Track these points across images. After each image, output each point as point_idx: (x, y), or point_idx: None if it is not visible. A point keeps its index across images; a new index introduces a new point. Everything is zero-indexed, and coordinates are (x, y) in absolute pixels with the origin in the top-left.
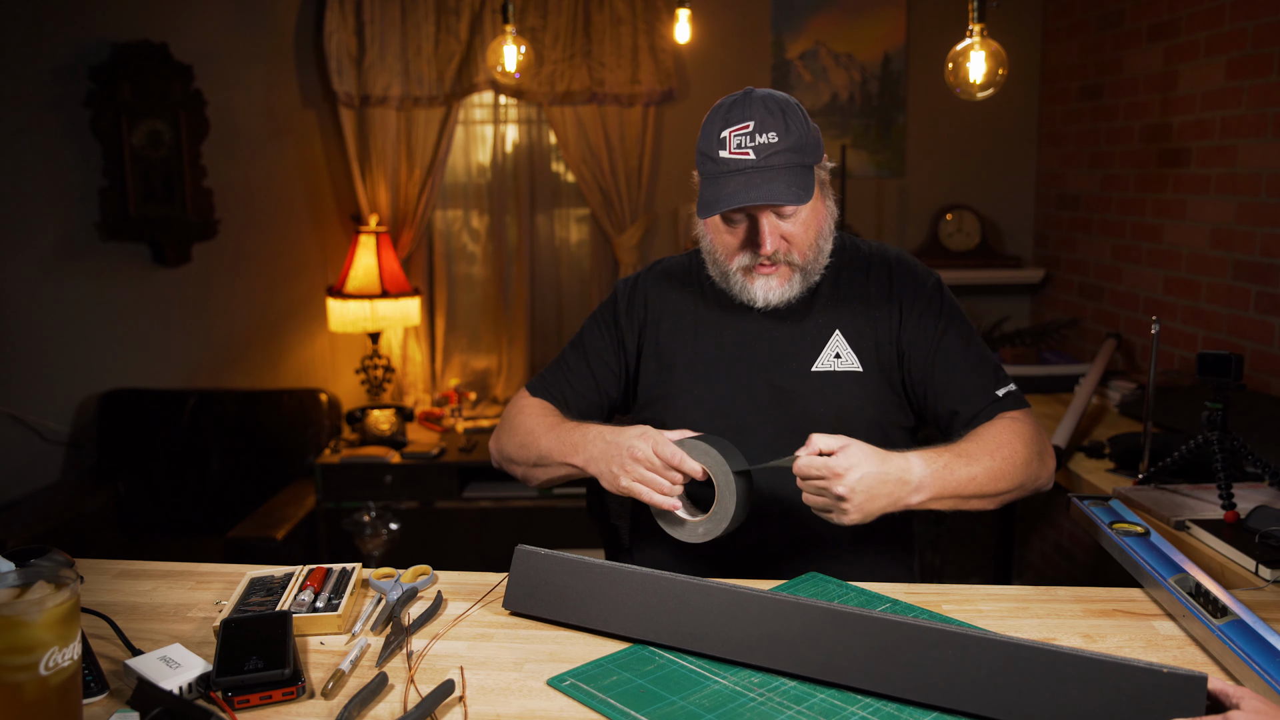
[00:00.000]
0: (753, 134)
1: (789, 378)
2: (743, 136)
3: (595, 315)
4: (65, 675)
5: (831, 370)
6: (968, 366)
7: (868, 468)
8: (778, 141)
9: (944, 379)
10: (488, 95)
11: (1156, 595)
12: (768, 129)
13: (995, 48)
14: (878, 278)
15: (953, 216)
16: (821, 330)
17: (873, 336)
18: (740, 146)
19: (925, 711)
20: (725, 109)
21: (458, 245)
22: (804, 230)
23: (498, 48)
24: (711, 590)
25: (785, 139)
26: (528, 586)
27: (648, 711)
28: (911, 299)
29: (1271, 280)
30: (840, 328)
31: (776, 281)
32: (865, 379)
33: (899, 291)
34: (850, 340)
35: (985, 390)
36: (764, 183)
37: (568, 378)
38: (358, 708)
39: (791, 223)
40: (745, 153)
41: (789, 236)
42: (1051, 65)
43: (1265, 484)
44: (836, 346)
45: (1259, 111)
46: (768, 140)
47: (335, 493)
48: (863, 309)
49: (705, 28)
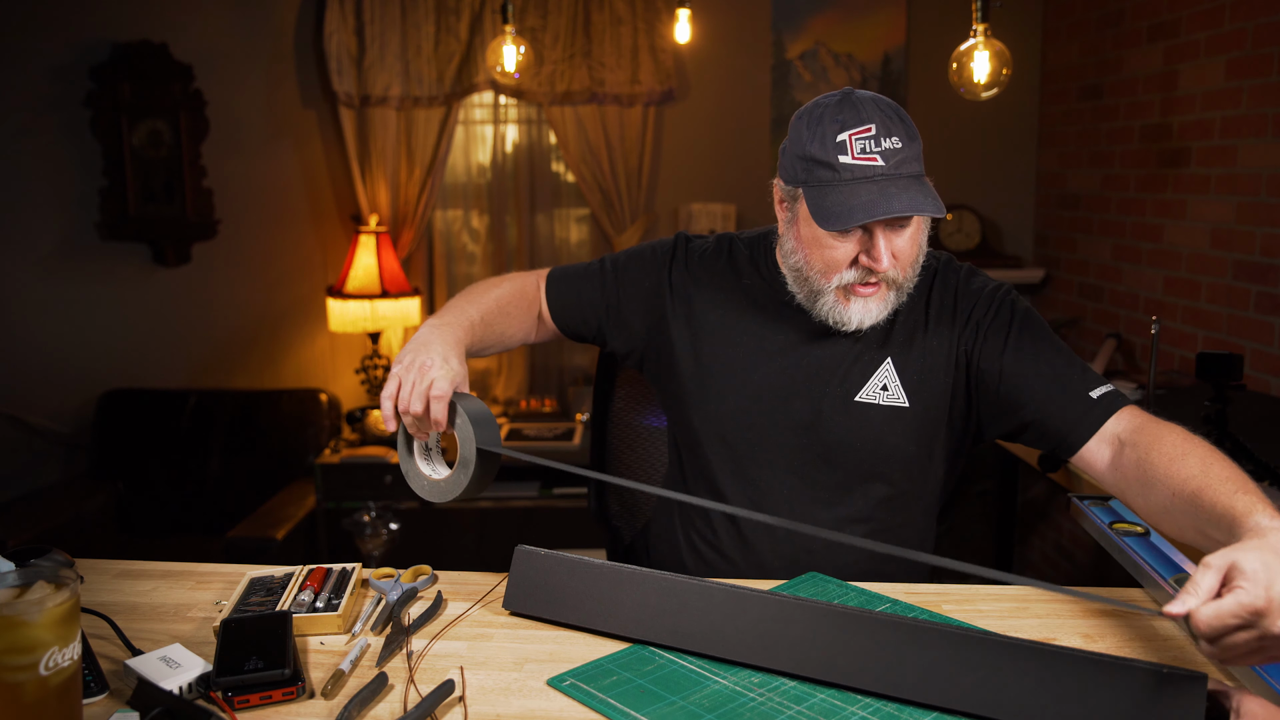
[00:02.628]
0: (877, 138)
1: (831, 403)
2: (866, 140)
3: (642, 258)
4: (65, 675)
5: (876, 403)
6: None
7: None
8: (903, 148)
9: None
10: (488, 95)
11: (1156, 595)
12: (891, 133)
13: (999, 47)
14: (939, 298)
15: (953, 216)
16: (872, 358)
17: (922, 369)
18: (865, 151)
19: (925, 711)
20: (833, 109)
21: (458, 245)
22: (912, 246)
23: (497, 48)
24: (711, 590)
25: (909, 146)
26: (528, 586)
27: (648, 711)
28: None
29: (1271, 280)
30: (892, 357)
31: (875, 303)
32: (909, 415)
33: (963, 313)
34: (900, 372)
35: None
36: (900, 192)
37: (580, 294)
38: (358, 708)
39: (904, 238)
40: (872, 158)
41: (899, 253)
42: (1051, 65)
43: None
44: (884, 378)
45: (1259, 111)
46: (893, 146)
47: (335, 493)
48: (919, 337)
49: (705, 28)
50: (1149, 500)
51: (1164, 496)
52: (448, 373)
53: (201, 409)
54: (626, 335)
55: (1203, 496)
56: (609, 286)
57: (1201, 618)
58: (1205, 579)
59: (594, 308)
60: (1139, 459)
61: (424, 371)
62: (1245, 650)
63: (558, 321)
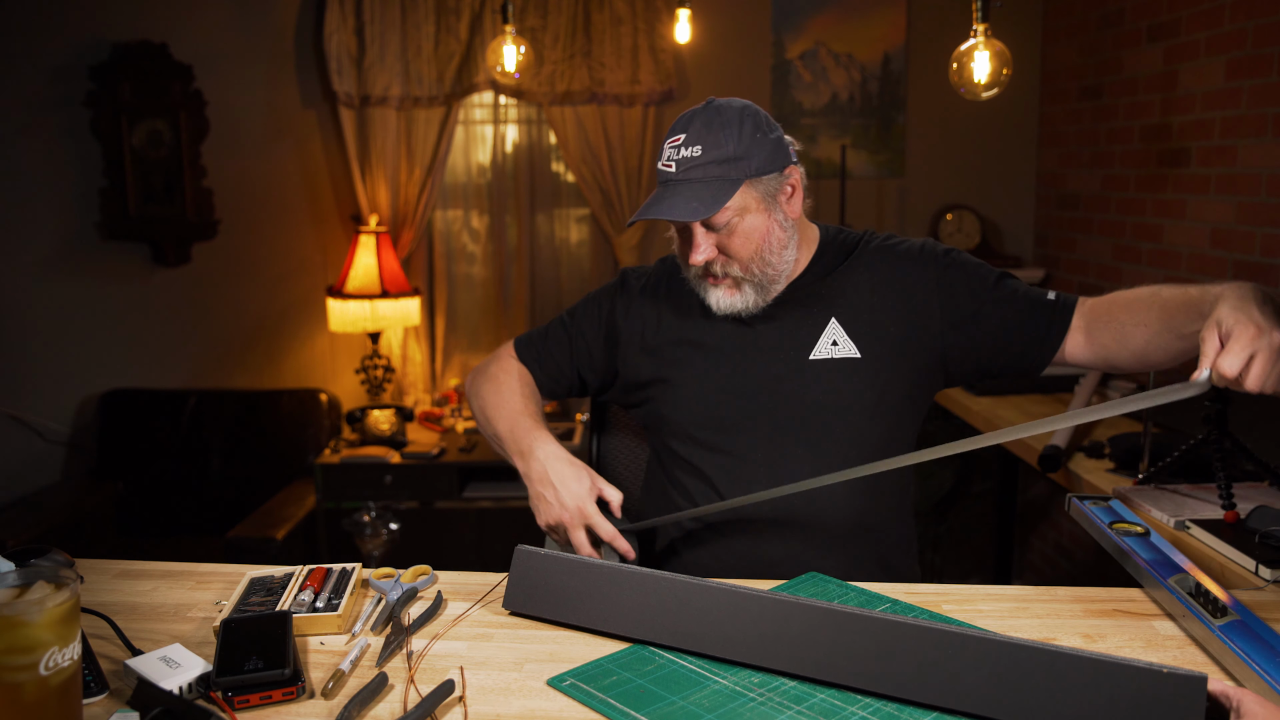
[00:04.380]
0: (679, 147)
1: (786, 366)
2: (673, 149)
3: (594, 298)
4: (65, 675)
5: (829, 358)
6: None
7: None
8: (700, 155)
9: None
10: (488, 95)
11: (1156, 595)
12: (696, 142)
13: (999, 47)
14: (871, 266)
15: (953, 216)
16: (817, 320)
17: (870, 324)
18: (668, 159)
19: (925, 711)
20: (682, 119)
21: (458, 245)
22: (741, 243)
23: (498, 48)
24: (711, 590)
25: (711, 153)
26: (528, 586)
27: (648, 711)
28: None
29: (1271, 280)
30: (835, 315)
31: (724, 292)
32: (863, 365)
33: (904, 283)
34: (847, 327)
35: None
36: (670, 196)
37: (551, 349)
38: (358, 708)
39: (726, 235)
40: (670, 165)
41: (725, 248)
42: (1051, 65)
43: (1265, 484)
44: (833, 334)
45: (1259, 111)
46: (690, 154)
47: (335, 493)
48: (859, 298)
49: (705, 28)
50: (1129, 345)
51: (1140, 332)
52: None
53: (201, 409)
54: (596, 371)
55: (1166, 309)
56: (572, 332)
57: (1222, 365)
58: (1208, 342)
59: (564, 354)
60: (1106, 323)
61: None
62: (1266, 374)
63: (542, 381)
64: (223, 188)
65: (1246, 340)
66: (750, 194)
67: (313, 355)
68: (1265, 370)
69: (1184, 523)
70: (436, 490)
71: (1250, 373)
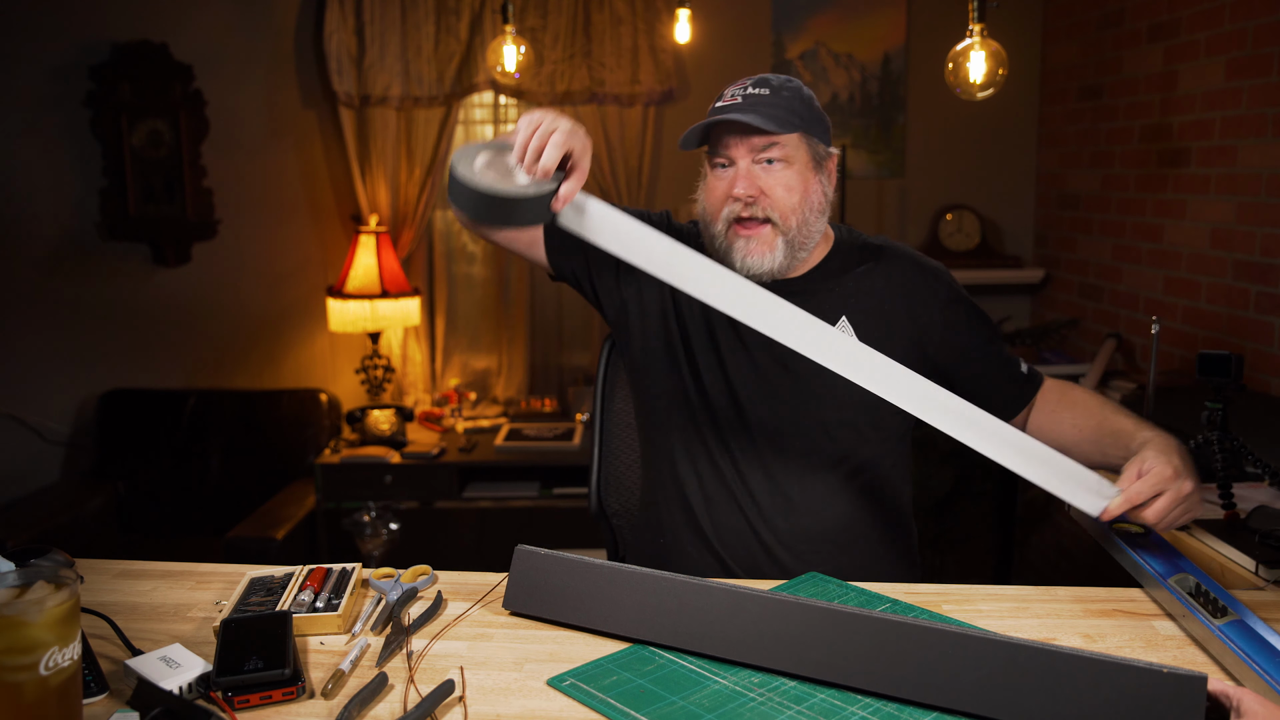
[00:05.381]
0: (745, 88)
1: (794, 354)
2: (738, 89)
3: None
4: (65, 675)
5: None
6: (995, 361)
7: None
8: (767, 95)
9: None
10: (488, 95)
11: (1156, 595)
12: (763, 87)
13: (995, 48)
14: (889, 274)
15: (953, 216)
16: (828, 315)
17: (881, 330)
18: (733, 96)
19: (925, 711)
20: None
21: (458, 245)
22: (786, 190)
23: (498, 48)
24: (711, 590)
25: (776, 96)
26: (528, 586)
27: (648, 711)
28: (932, 305)
29: (1271, 280)
30: (847, 314)
31: (757, 245)
32: None
33: (917, 296)
34: (856, 328)
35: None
36: (736, 111)
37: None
38: (358, 708)
39: (774, 176)
40: (735, 99)
41: (768, 190)
42: (1051, 65)
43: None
44: (842, 329)
45: (1259, 111)
46: (757, 93)
47: (335, 493)
48: (872, 302)
49: (705, 28)
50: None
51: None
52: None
53: (201, 409)
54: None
55: (1102, 429)
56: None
57: (1134, 491)
58: (1127, 473)
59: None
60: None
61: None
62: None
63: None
64: (223, 188)
65: (1161, 479)
66: (803, 147)
67: (313, 355)
68: (1168, 507)
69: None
70: (436, 490)
71: (1154, 505)
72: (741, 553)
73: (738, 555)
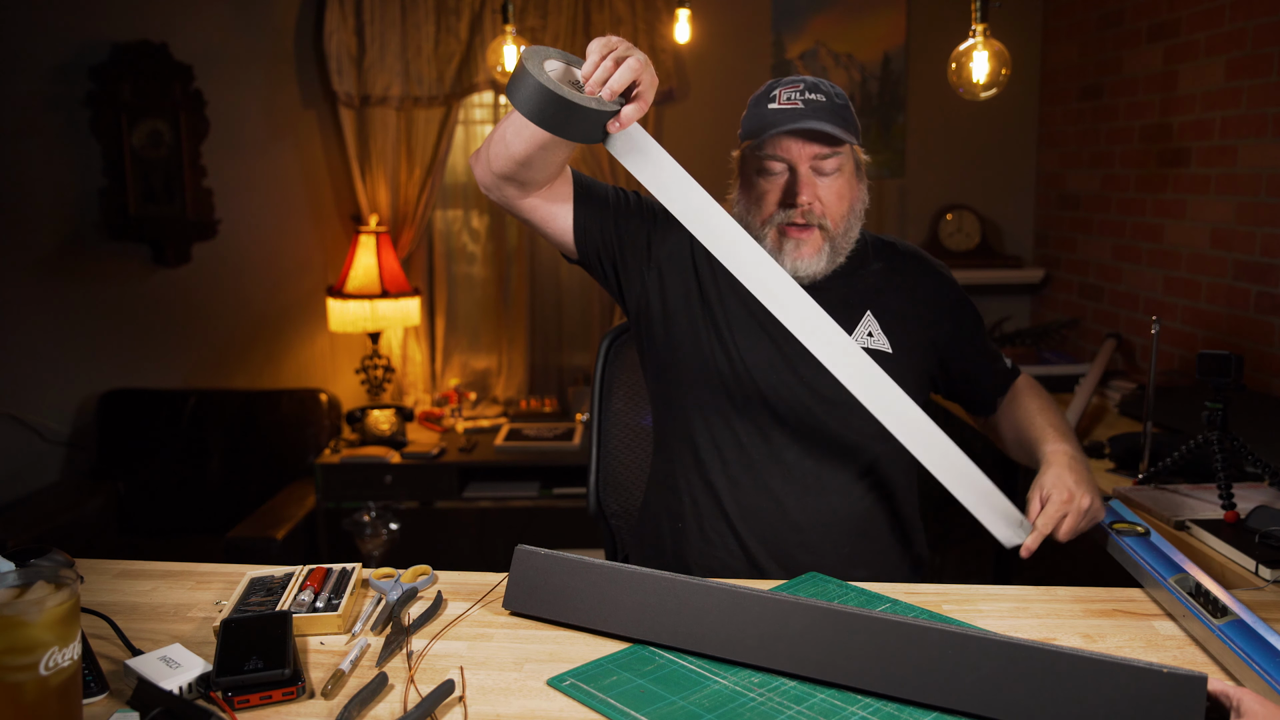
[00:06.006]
0: (804, 91)
1: None
2: (793, 92)
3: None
4: (65, 675)
5: (865, 347)
6: (986, 356)
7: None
8: (825, 101)
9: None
10: (488, 95)
11: (1156, 595)
12: (818, 90)
13: (998, 47)
14: (903, 272)
15: (953, 216)
16: (854, 308)
17: (901, 324)
18: (790, 99)
19: (925, 711)
20: (776, 81)
21: (458, 245)
22: (838, 198)
23: (498, 48)
24: (711, 590)
25: (834, 101)
26: (528, 586)
27: (648, 711)
28: (942, 304)
29: (1271, 280)
30: (871, 309)
31: (808, 249)
32: (892, 360)
33: (928, 294)
34: (881, 322)
35: (1000, 371)
36: (813, 121)
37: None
38: (358, 708)
39: (828, 185)
40: (795, 103)
41: (824, 199)
42: (1051, 65)
43: (1265, 484)
44: (869, 326)
45: (1259, 111)
46: (817, 98)
47: (335, 493)
48: (891, 298)
49: (705, 28)
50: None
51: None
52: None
53: (201, 409)
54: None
55: (1029, 430)
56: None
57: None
58: (1032, 503)
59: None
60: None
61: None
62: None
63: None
64: (223, 188)
65: (1059, 505)
66: (852, 156)
67: (313, 355)
68: (1072, 526)
69: (1184, 523)
70: (436, 490)
71: (1061, 528)
72: (767, 534)
73: (763, 536)
